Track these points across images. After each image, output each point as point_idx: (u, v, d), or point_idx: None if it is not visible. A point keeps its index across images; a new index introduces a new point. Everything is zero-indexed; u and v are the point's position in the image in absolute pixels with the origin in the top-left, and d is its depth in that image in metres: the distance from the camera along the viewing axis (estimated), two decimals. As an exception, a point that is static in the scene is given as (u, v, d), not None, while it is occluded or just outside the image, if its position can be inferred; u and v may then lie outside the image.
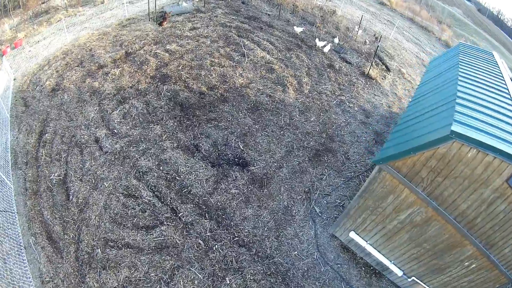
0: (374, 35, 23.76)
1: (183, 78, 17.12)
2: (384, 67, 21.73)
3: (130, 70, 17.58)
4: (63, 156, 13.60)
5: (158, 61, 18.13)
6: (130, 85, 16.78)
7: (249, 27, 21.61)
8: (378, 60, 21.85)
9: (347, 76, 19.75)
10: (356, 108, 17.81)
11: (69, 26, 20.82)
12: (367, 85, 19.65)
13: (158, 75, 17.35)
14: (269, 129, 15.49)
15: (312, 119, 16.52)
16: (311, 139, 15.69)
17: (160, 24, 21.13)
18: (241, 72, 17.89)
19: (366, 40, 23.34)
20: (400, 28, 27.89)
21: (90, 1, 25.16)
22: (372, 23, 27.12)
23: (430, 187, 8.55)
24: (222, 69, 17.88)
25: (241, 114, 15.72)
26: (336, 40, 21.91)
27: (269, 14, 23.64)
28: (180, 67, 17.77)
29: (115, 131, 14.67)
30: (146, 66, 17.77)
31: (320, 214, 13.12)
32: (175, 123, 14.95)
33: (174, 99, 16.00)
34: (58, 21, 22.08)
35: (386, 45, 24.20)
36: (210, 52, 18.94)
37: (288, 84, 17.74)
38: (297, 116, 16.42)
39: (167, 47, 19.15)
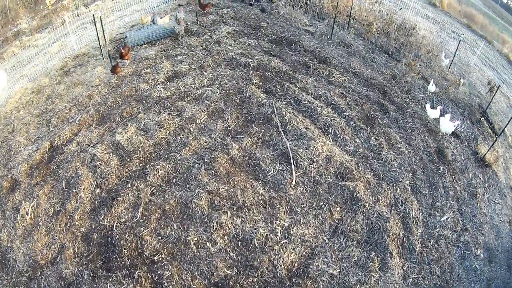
0: (489, 83, 11.78)
1: (146, 254, 6.17)
2: (490, 129, 10.57)
3: (48, 210, 7.04)
4: None
5: (97, 184, 7.21)
6: (49, 257, 6.45)
7: (283, 65, 9.78)
8: (483, 118, 10.58)
9: (464, 175, 8.74)
10: (482, 255, 7.65)
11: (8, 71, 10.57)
12: (485, 185, 8.96)
13: (95, 235, 6.61)
14: None
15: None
16: None
17: (114, 70, 9.47)
18: (286, 220, 6.61)
19: (460, 79, 11.53)
20: (469, 42, 15.54)
21: (48, 24, 13.37)
22: (441, 37, 14.83)
23: None
24: (240, 214, 6.62)
25: None
26: (432, 88, 10.24)
27: (311, 33, 11.50)
28: (140, 212, 6.64)
29: None
30: (73, 200, 7.06)
31: None
32: None
33: None
34: (11, 56, 11.70)
35: (473, 79, 12.46)
36: (207, 152, 7.53)
37: (389, 241, 6.60)
38: None
39: (117, 136, 7.82)
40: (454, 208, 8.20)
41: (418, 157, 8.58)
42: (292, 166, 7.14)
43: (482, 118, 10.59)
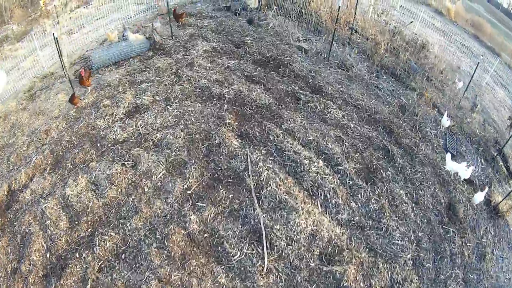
0: (510, 118, 9.94)
1: None
2: (505, 168, 9.00)
3: (7, 266, 6.01)
4: None
5: (48, 247, 6.07)
6: None
7: (266, 98, 8.05)
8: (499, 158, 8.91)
9: (474, 234, 7.24)
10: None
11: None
12: (495, 239, 7.57)
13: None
14: None
15: None
16: None
17: (71, 100, 8.05)
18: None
19: (476, 103, 9.68)
20: (479, 58, 13.48)
21: (31, 31, 12.02)
22: (454, 54, 12.69)
23: None
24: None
25: None
26: (447, 122, 8.44)
27: (305, 50, 9.66)
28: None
29: None
30: (27, 261, 5.96)
31: None
32: None
33: None
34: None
35: (486, 102, 10.71)
36: (160, 224, 6.00)
37: None
38: None
39: (67, 190, 6.50)
40: (459, 278, 6.68)
41: (425, 220, 6.88)
42: (265, 248, 5.54)
43: (497, 156, 8.85)
